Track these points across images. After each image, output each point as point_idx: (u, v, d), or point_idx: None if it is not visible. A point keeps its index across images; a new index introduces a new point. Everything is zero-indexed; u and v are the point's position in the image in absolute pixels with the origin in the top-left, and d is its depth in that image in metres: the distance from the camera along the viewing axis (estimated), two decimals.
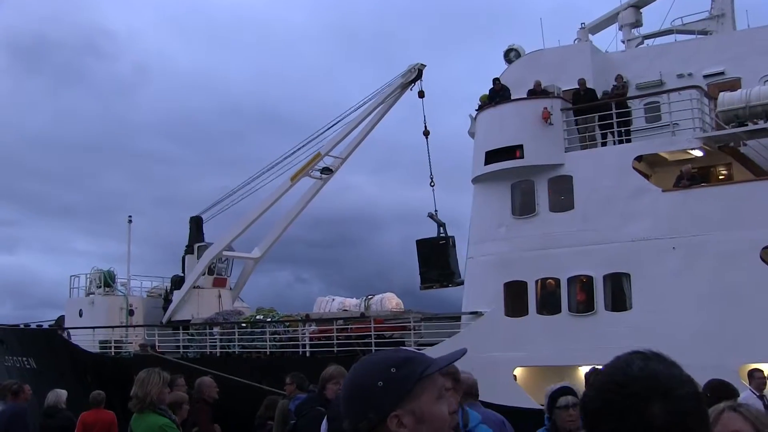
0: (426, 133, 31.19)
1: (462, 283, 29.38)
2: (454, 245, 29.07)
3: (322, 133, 30.55)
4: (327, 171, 31.42)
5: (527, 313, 20.77)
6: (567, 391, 5.73)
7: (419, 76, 29.98)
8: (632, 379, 1.55)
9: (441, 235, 29.27)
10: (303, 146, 30.55)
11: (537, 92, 22.26)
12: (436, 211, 30.11)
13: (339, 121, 30.42)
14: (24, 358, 30.61)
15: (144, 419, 6.54)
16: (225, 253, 31.95)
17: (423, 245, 29.05)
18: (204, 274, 31.91)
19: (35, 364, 29.91)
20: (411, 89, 30.11)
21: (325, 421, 5.43)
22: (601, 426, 1.52)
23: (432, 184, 30.29)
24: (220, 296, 32.02)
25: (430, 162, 30.43)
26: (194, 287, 31.62)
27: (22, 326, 33.99)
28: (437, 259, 27.90)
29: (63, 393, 13.15)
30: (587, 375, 10.11)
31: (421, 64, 30.12)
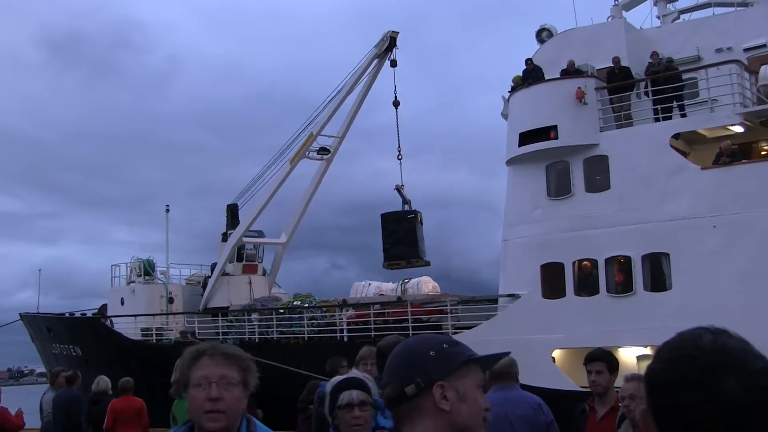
0: (396, 104, 30.78)
1: (428, 263, 28.97)
2: (421, 222, 28.65)
3: (320, 113, 30.54)
4: (324, 151, 31.26)
5: (565, 295, 20.64)
6: (353, 383, 4.37)
7: (392, 44, 29.56)
8: (704, 352, 1.50)
9: (406, 209, 28.80)
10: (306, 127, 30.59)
11: (570, 72, 22.00)
12: (402, 185, 29.79)
13: (331, 100, 30.29)
14: (70, 346, 31.26)
15: (185, 404, 6.61)
16: (246, 239, 32.18)
17: (389, 219, 28.53)
18: (233, 262, 32.26)
19: (81, 352, 30.53)
20: (389, 59, 29.73)
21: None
22: (671, 398, 1.50)
23: (399, 157, 30.02)
24: (250, 282, 32.25)
25: (398, 134, 30.20)
26: (224, 274, 32.01)
27: (67, 315, 34.71)
28: (405, 235, 27.46)
29: (108, 380, 13.44)
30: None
31: (393, 32, 29.59)
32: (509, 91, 23.55)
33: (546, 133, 21.41)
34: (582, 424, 6.66)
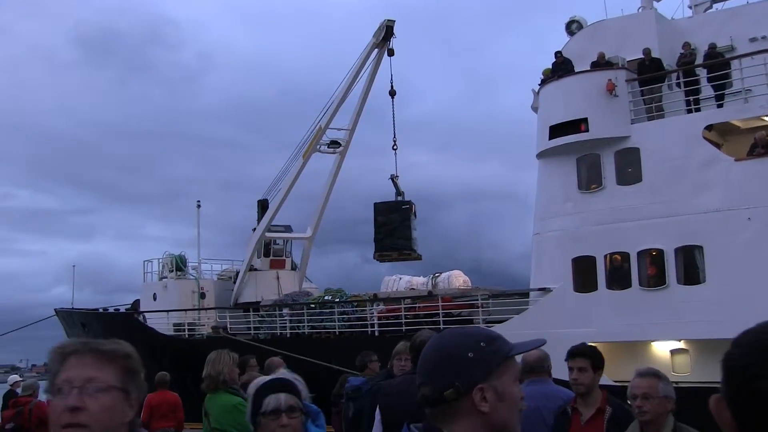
0: (392, 93, 30.56)
1: (420, 257, 28.62)
2: (415, 214, 28.26)
3: (330, 106, 30.50)
4: (335, 144, 31.22)
5: (596, 289, 20.50)
6: (280, 385, 3.66)
7: (389, 33, 29.29)
8: None
9: (399, 200, 28.33)
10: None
11: (601, 64, 21.81)
12: (397, 176, 29.46)
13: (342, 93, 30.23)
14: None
15: (217, 399, 6.65)
16: (270, 234, 32.39)
17: (382, 209, 28.11)
18: (260, 257, 32.51)
19: None
20: (388, 47, 29.46)
21: (378, 411, 5.48)
22: (750, 385, 1.48)
23: (395, 147, 29.77)
24: (278, 277, 32.42)
25: (394, 124, 29.96)
26: (252, 270, 32.27)
27: (101, 310, 35.17)
28: (398, 226, 27.03)
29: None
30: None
31: (389, 20, 29.30)
32: (539, 84, 23.41)
33: (576, 125, 21.27)
34: (565, 428, 5.92)
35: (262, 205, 33.66)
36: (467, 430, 2.06)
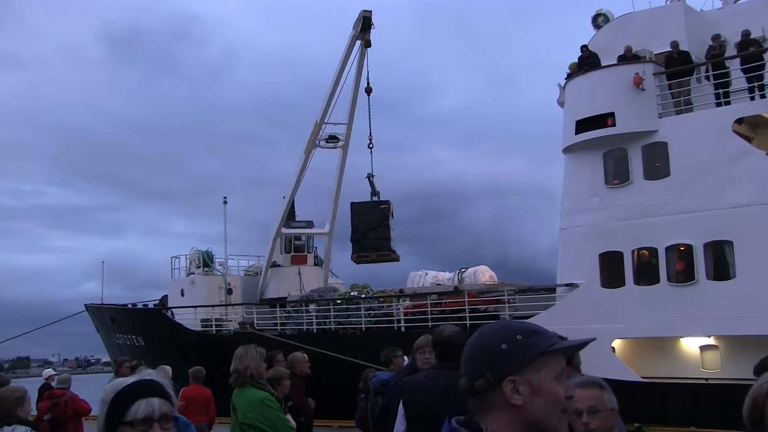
0: (368, 90, 30.25)
1: (398, 259, 28.34)
2: (392, 214, 27.94)
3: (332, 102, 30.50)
4: (333, 139, 31.11)
5: (624, 284, 20.34)
6: (149, 389, 2.74)
7: (367, 23, 28.97)
8: None
9: (374, 200, 27.94)
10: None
11: (628, 57, 21.60)
12: (373, 175, 29.15)
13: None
14: (133, 336, 32.04)
15: (244, 393, 6.73)
16: (285, 231, 32.51)
17: (360, 209, 27.79)
18: (282, 253, 32.73)
19: (143, 342, 31.26)
20: (367, 38, 29.12)
21: (401, 406, 5.48)
22: None
23: (370, 146, 29.50)
24: (300, 273, 32.53)
25: (370, 122, 29.68)
26: (275, 266, 32.48)
27: (130, 306, 35.58)
28: (377, 226, 26.72)
29: (170, 369, 13.74)
30: None
31: (366, 11, 28.90)
32: (565, 79, 23.25)
33: (603, 120, 21.09)
34: None
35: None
36: (501, 422, 2.04)
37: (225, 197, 35.65)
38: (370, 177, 29.13)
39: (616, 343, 20.10)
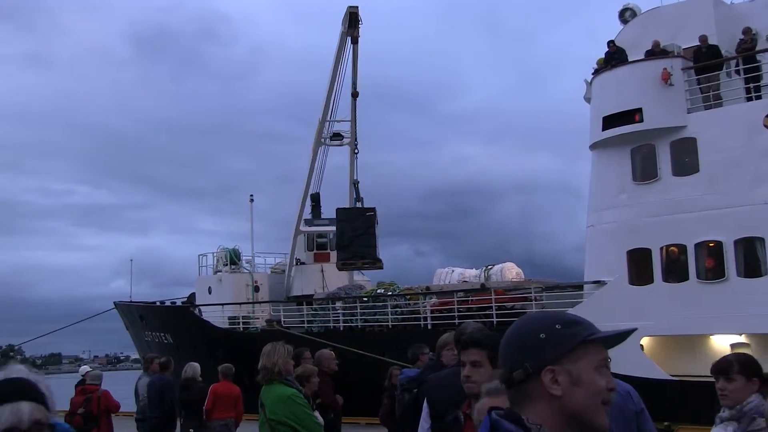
0: (354, 95, 30.02)
1: (382, 267, 28.21)
2: (377, 221, 27.82)
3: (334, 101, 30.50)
4: (338, 137, 31.07)
5: (652, 282, 20.17)
6: (16, 389, 2.26)
7: (353, 19, 28.73)
8: None
9: (358, 206, 27.79)
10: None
11: (655, 52, 21.38)
12: (357, 181, 28.98)
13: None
14: (161, 334, 32.33)
15: (272, 390, 6.74)
16: (303, 229, 32.72)
17: (346, 215, 27.61)
18: (306, 251, 32.90)
19: (172, 339, 31.54)
20: (356, 34, 28.87)
21: (425, 403, 5.48)
22: None
23: (356, 152, 29.29)
24: (323, 271, 32.60)
25: (355, 128, 29.39)
26: (300, 263, 32.65)
27: (158, 304, 35.91)
28: (363, 233, 26.62)
29: (198, 366, 13.90)
30: None
31: (352, 7, 28.53)
32: (592, 74, 23.07)
33: (630, 116, 20.91)
34: None
35: (315, 199, 33.96)
36: (540, 413, 2.00)
37: (251, 195, 35.95)
38: (355, 183, 29.15)
39: (645, 341, 19.93)
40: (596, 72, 22.75)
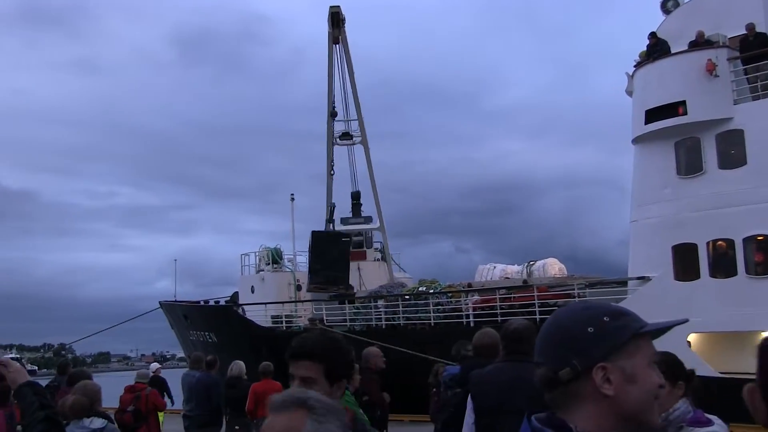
0: (333, 114, 30.17)
1: (354, 295, 27.95)
2: (350, 246, 27.52)
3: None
4: (346, 136, 31.11)
5: (699, 277, 19.84)
6: None
7: (335, 19, 28.49)
8: None
9: (332, 230, 27.72)
10: None
11: (699, 43, 20.99)
12: (334, 204, 28.90)
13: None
14: (206, 333, 32.69)
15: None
16: (338, 227, 32.82)
17: (321, 239, 27.65)
18: None
19: (215, 338, 31.87)
20: (341, 34, 28.94)
21: (470, 398, 5.45)
22: None
23: (332, 173, 29.17)
24: (359, 269, 32.64)
25: (332, 150, 29.33)
26: None
27: (202, 303, 36.32)
28: (337, 259, 26.59)
29: (243, 365, 14.05)
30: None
31: (333, 7, 28.48)
32: (633, 67, 22.75)
33: (674, 109, 20.58)
34: None
35: (355, 197, 34.06)
36: (591, 415, 1.81)
37: (292, 194, 36.10)
38: (332, 207, 29.38)
39: (692, 338, 19.61)
40: (638, 65, 22.44)
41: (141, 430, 11.09)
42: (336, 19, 28.67)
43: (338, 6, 28.72)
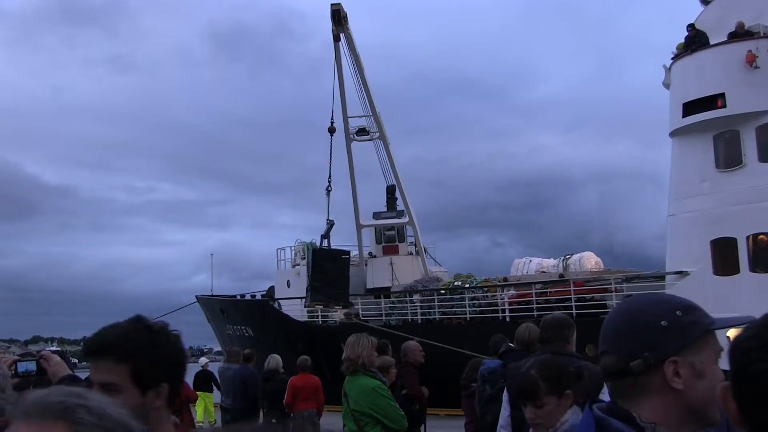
0: (331, 131, 29.95)
1: (352, 306, 27.82)
2: (349, 263, 28.03)
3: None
4: (363, 132, 31.09)
5: (739, 272, 19.58)
6: None
7: (337, 17, 28.25)
8: None
9: (325, 247, 27.65)
10: None
11: (739, 34, 20.67)
12: (329, 220, 28.79)
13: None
14: (242, 327, 32.98)
15: (356, 381, 6.81)
16: (364, 223, 33.05)
17: (321, 257, 27.81)
18: (374, 244, 33.24)
19: (252, 332, 32.15)
20: (346, 31, 28.85)
21: (505, 391, 5.50)
22: (751, 367, 1.42)
23: (329, 189, 28.97)
24: (391, 263, 32.69)
25: (330, 165, 29.15)
26: (372, 257, 32.98)
27: (238, 297, 36.64)
28: (337, 276, 26.57)
29: (280, 358, 14.21)
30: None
31: (334, 4, 28.15)
32: (671, 59, 22.47)
33: (713, 101, 20.31)
34: None
35: (390, 191, 34.09)
36: (657, 408, 1.84)
37: (328, 188, 36.15)
38: (329, 222, 29.50)
39: (732, 333, 19.33)
40: (676, 57, 22.17)
41: None
42: (337, 16, 28.74)
43: (339, 3, 28.78)
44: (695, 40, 21.51)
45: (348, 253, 28.71)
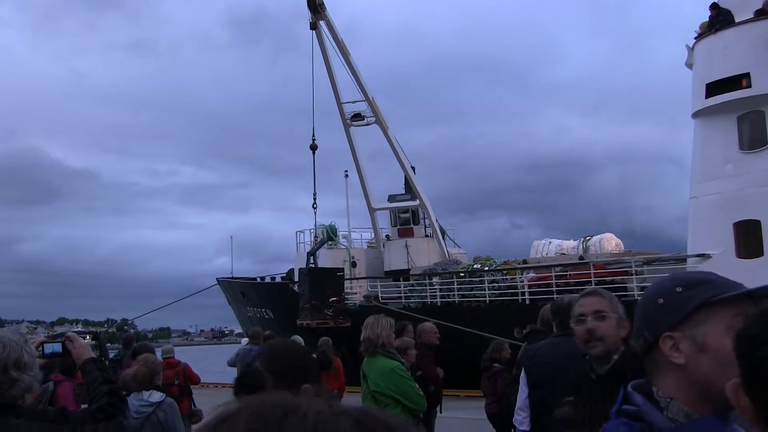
0: (313, 148, 29.79)
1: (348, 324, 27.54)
2: (344, 279, 27.74)
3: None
4: (358, 117, 31.04)
5: (763, 254, 19.39)
6: None
7: (312, 4, 28.11)
8: None
9: (311, 265, 27.36)
10: None
11: (766, 12, 20.32)
12: (316, 236, 28.55)
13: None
14: (263, 309, 33.17)
15: (375, 362, 6.78)
16: (375, 206, 33.32)
17: (317, 275, 27.34)
18: (391, 227, 33.33)
19: (272, 315, 32.32)
20: (325, 18, 28.99)
21: (523, 373, 5.47)
22: (757, 353, 1.38)
23: (314, 206, 28.75)
24: (407, 246, 32.70)
25: (315, 181, 28.95)
26: (388, 239, 33.06)
27: (258, 280, 36.82)
28: (333, 293, 26.37)
29: (302, 339, 14.27)
30: None
31: None
32: (694, 39, 22.16)
33: (737, 81, 20.03)
34: None
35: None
36: (670, 384, 1.85)
37: (346, 171, 36.19)
38: (319, 238, 29.47)
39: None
40: (699, 36, 21.86)
41: (184, 404, 11.28)
42: (313, 4, 28.80)
43: None
44: (719, 19, 21.18)
45: (342, 270, 28.83)
